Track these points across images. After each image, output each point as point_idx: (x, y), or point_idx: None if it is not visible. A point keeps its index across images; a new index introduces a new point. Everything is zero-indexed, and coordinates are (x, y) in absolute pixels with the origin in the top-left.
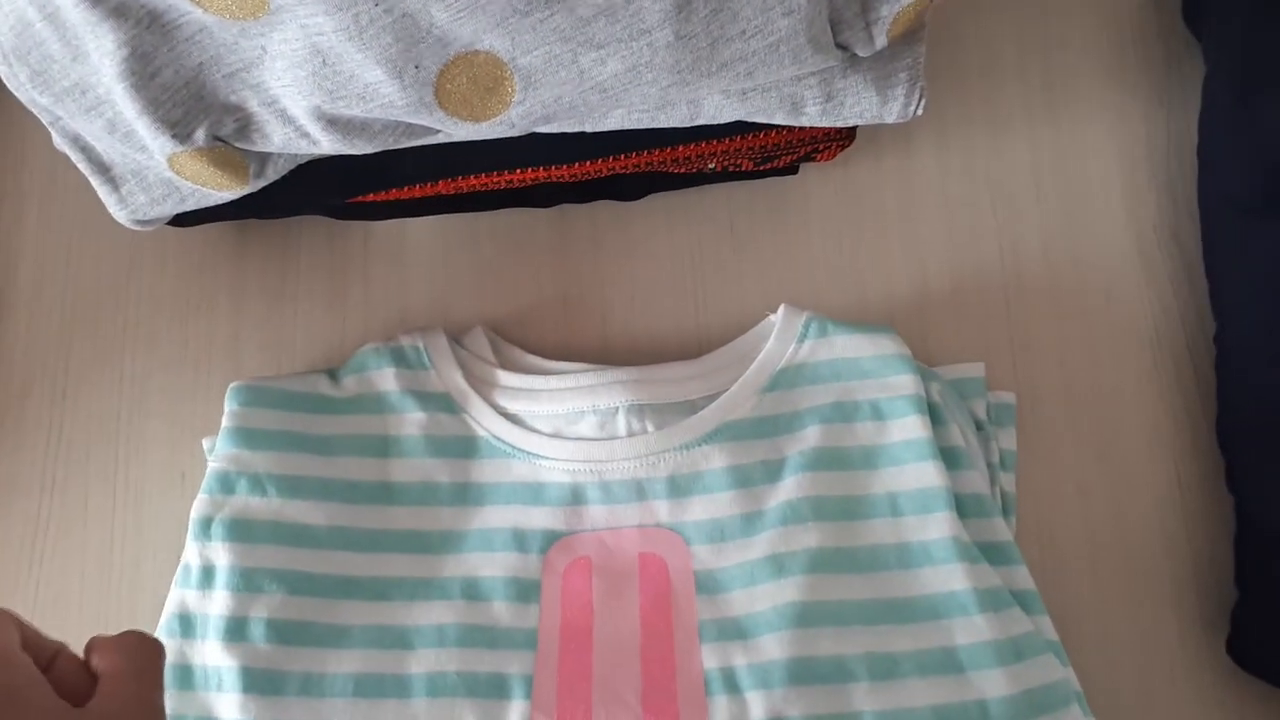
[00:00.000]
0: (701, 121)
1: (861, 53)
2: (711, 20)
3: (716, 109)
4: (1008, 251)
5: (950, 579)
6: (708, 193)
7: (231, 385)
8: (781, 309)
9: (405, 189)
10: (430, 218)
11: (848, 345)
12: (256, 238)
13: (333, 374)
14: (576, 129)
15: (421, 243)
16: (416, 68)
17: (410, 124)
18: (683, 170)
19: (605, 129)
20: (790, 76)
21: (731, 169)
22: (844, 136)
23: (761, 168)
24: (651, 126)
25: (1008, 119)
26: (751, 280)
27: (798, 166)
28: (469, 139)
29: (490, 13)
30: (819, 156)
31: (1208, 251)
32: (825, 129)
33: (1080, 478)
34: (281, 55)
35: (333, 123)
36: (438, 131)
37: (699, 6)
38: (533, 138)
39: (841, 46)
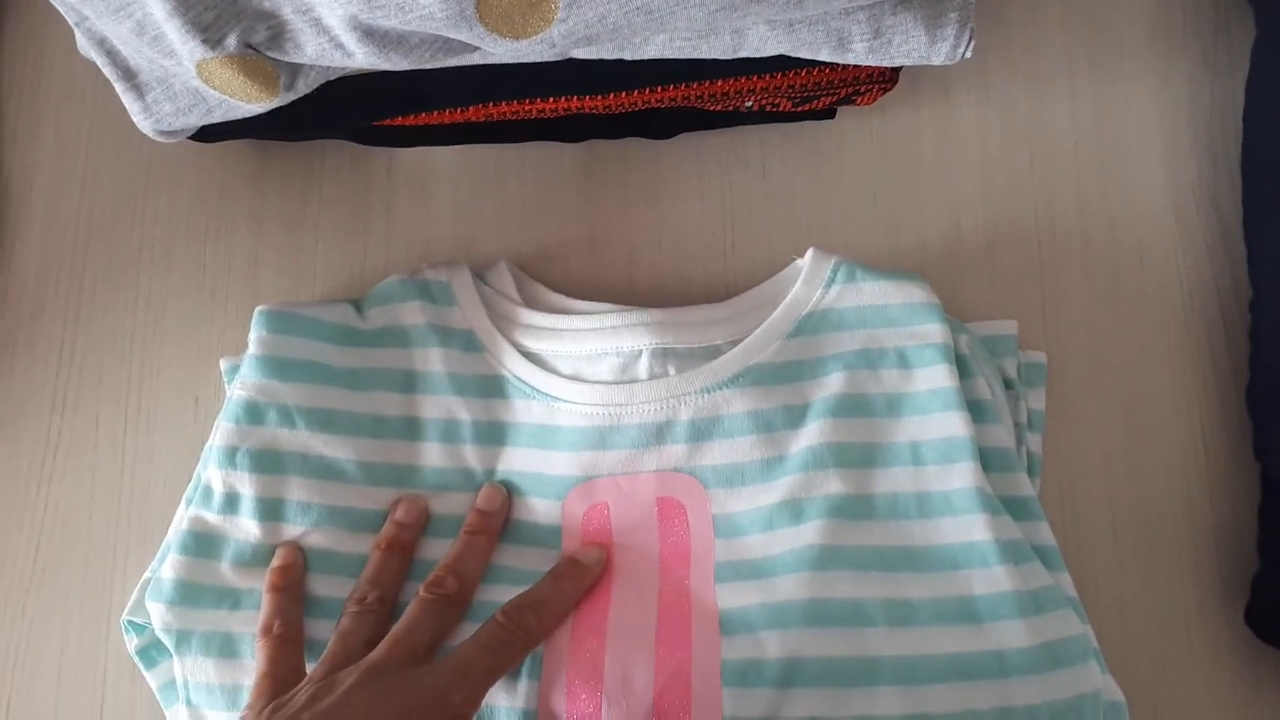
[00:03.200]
0: (745, 54)
1: None
2: None
3: (761, 41)
4: (1043, 209)
5: (970, 529)
6: (740, 134)
7: (258, 310)
8: (810, 253)
9: (435, 113)
10: (456, 148)
11: (876, 292)
12: (277, 162)
13: (357, 304)
14: (616, 55)
15: (446, 173)
16: None
17: (448, 40)
18: (719, 108)
19: (645, 57)
20: (839, 9)
21: (769, 108)
22: (886, 79)
23: (800, 109)
24: (693, 56)
25: (1050, 74)
26: (782, 225)
27: (835, 110)
28: (508, 59)
29: None
30: (859, 100)
31: (1248, 218)
32: (868, 70)
33: (1105, 441)
34: None
35: (369, 34)
36: (475, 50)
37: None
38: (568, 65)
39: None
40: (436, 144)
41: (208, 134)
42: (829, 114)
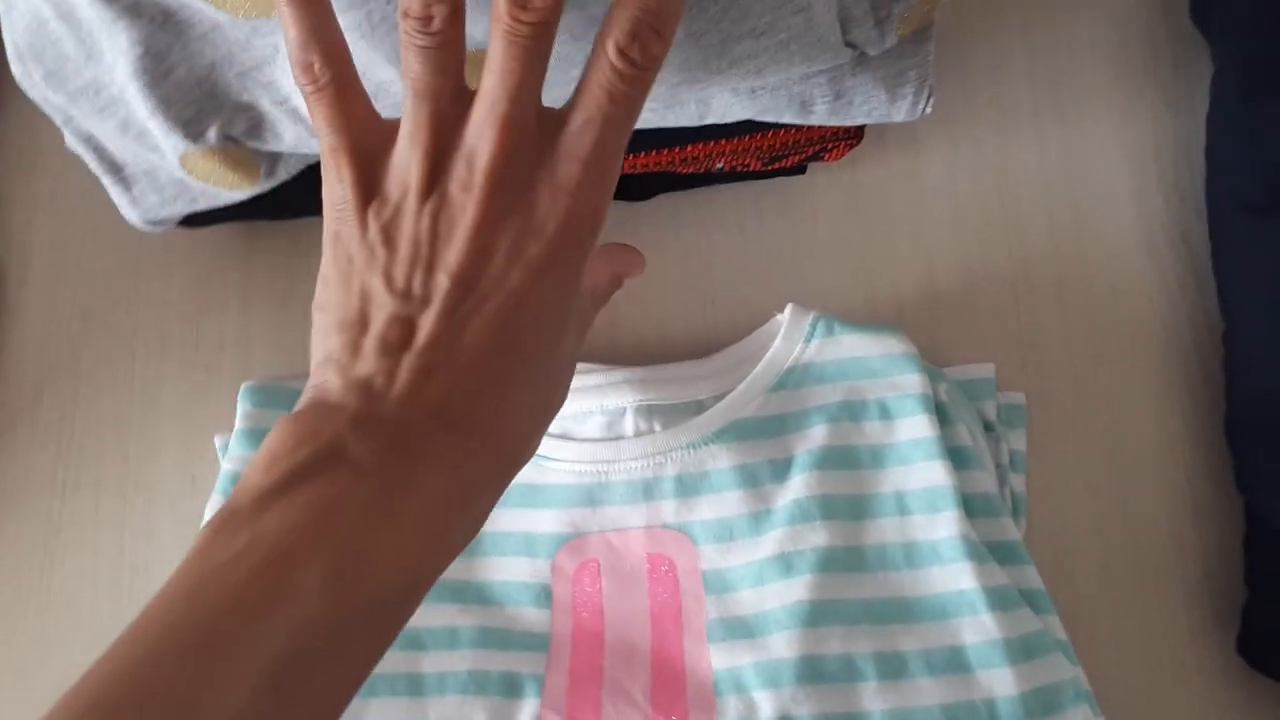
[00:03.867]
0: (710, 120)
1: (871, 51)
2: (722, 17)
3: (725, 107)
4: (1016, 251)
5: (958, 578)
6: (716, 193)
7: (244, 385)
8: (789, 308)
9: None
10: None
11: (855, 344)
12: (265, 239)
13: None
14: None
15: None
16: None
17: None
18: (691, 170)
19: None
20: (799, 75)
21: (740, 169)
22: (851, 136)
23: (769, 167)
24: (660, 126)
25: (1015, 119)
26: (760, 280)
27: (805, 167)
28: None
29: None
30: (826, 156)
31: (1215, 251)
32: (833, 129)
33: (1089, 477)
34: None
35: None
36: None
37: (709, 3)
38: None
39: (850, 45)
40: None
41: (195, 220)
42: (800, 170)
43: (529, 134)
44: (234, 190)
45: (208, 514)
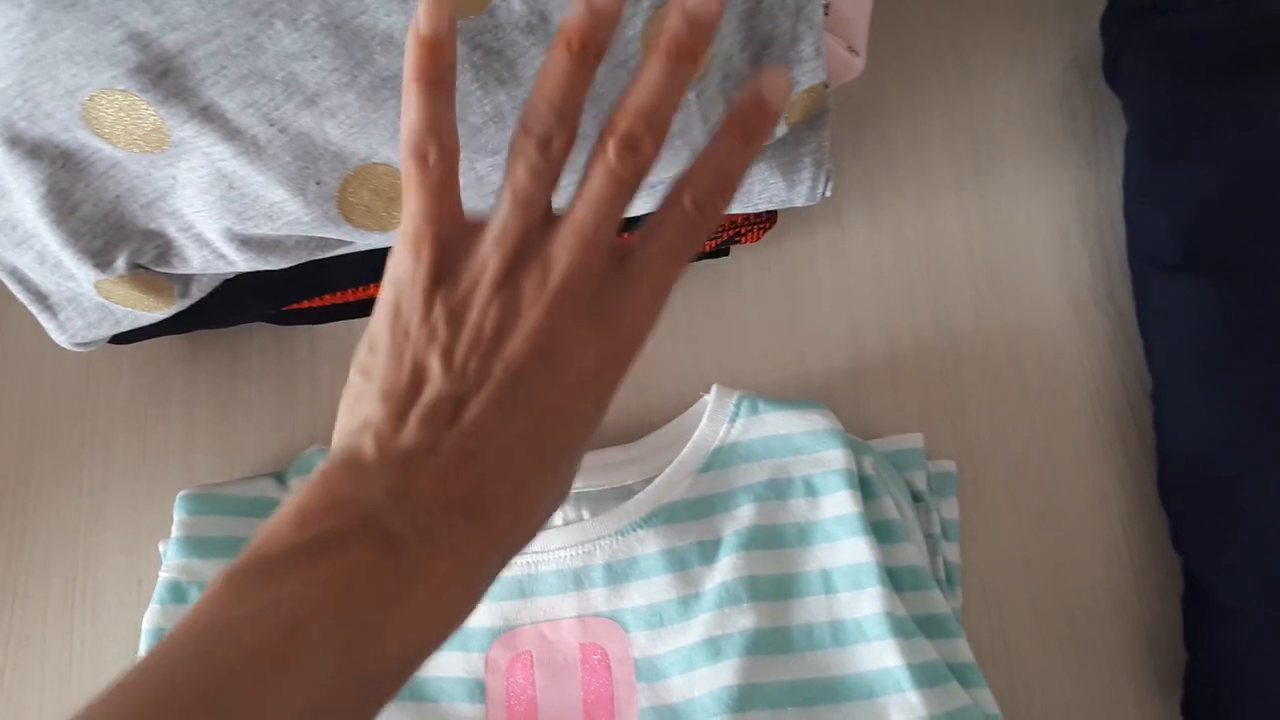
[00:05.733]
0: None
1: None
2: (597, 121)
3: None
4: (942, 320)
5: (883, 656)
6: None
7: (180, 494)
8: (714, 389)
9: (338, 294)
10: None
11: (779, 422)
12: (207, 346)
13: (280, 477)
14: None
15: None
16: (318, 183)
17: (322, 238)
18: None
19: None
20: None
21: None
22: (765, 220)
23: None
24: None
25: (937, 188)
26: (691, 361)
27: (728, 249)
28: (383, 245)
29: (381, 127)
30: (744, 239)
31: (1139, 310)
32: (744, 214)
33: (1025, 543)
34: (190, 183)
35: (245, 242)
36: (352, 242)
37: (586, 109)
38: None
39: None
40: (352, 318)
41: (127, 338)
42: (724, 252)
43: (603, 259)
44: (152, 311)
45: (146, 625)
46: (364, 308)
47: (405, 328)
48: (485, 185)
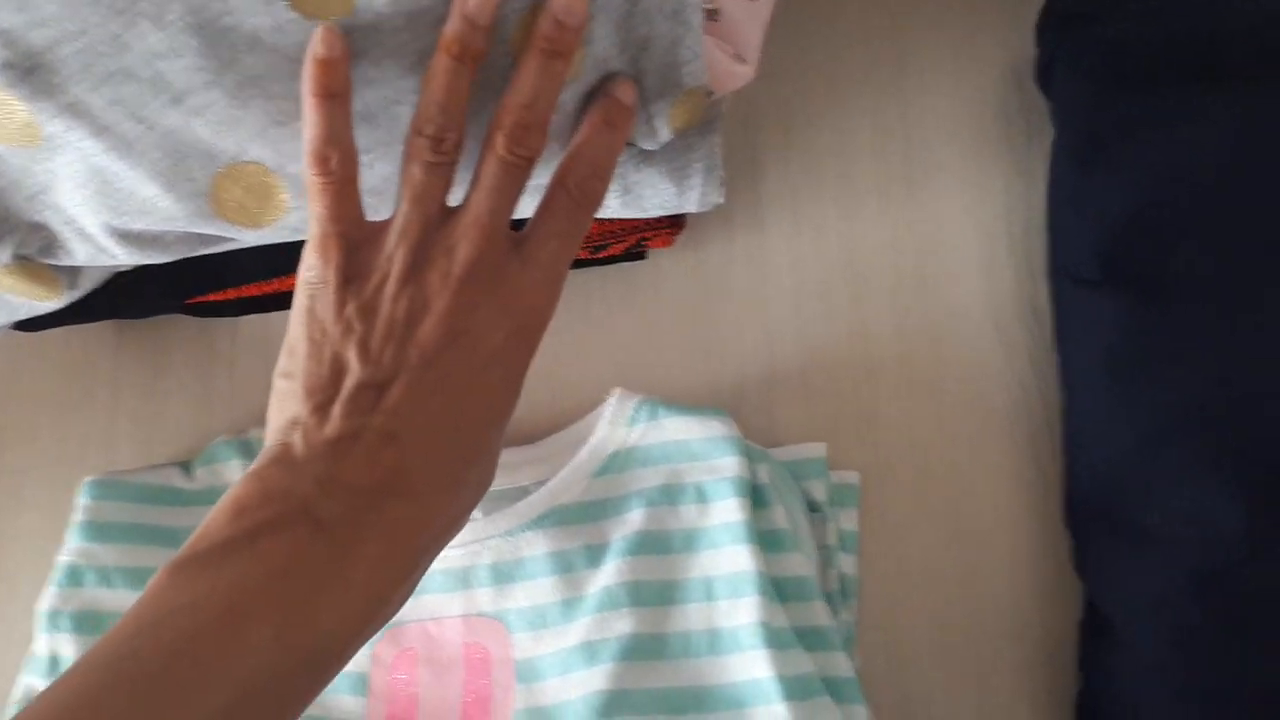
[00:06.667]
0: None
1: (647, 146)
2: (473, 121)
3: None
4: (860, 329)
5: (755, 666)
6: None
7: (85, 480)
8: (615, 393)
9: (246, 287)
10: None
11: (678, 428)
12: (133, 336)
13: (186, 467)
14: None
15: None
16: (189, 180)
17: (202, 234)
18: None
19: None
20: None
21: None
22: (671, 224)
23: (597, 255)
24: None
25: (863, 197)
26: (605, 364)
27: (645, 252)
28: (260, 243)
29: (249, 125)
30: (651, 243)
31: (1056, 324)
32: (651, 217)
33: (929, 558)
34: (68, 177)
35: (125, 237)
36: (233, 239)
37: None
38: None
39: (627, 142)
40: (269, 310)
41: (34, 325)
42: (640, 256)
43: (501, 244)
44: (43, 301)
45: (41, 607)
46: (281, 300)
47: (321, 326)
48: (360, 182)
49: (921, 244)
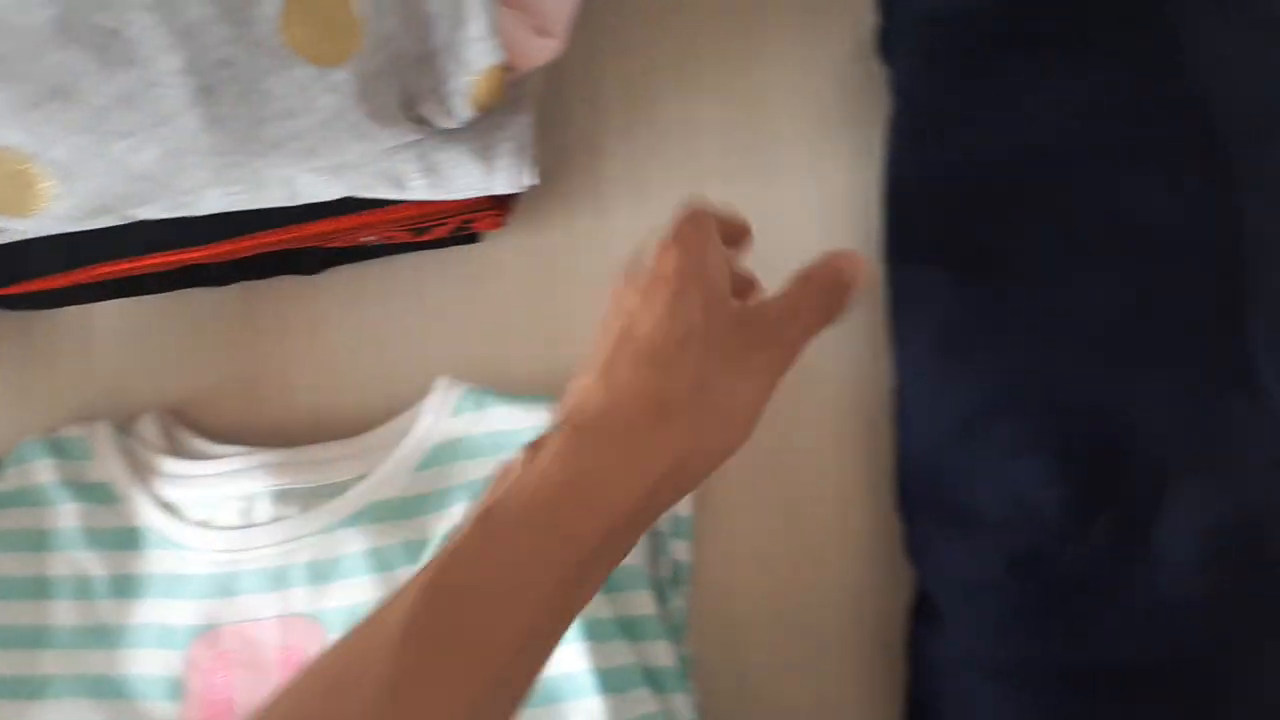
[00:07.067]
0: (304, 200)
1: (445, 124)
2: (242, 102)
3: (313, 187)
4: None
5: (572, 659)
6: (396, 263)
7: None
8: (439, 382)
9: (47, 279)
10: (115, 302)
11: (504, 417)
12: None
13: None
14: (175, 214)
15: (108, 328)
16: None
17: None
18: (338, 245)
19: (204, 212)
20: (379, 151)
21: (390, 241)
22: (496, 204)
23: (421, 239)
24: (255, 207)
25: (707, 176)
26: (440, 352)
27: (477, 235)
28: (33, 235)
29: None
30: (477, 225)
31: (890, 304)
32: (473, 200)
33: (764, 543)
34: None
35: None
36: (4, 229)
37: (224, 90)
38: (157, 221)
39: (424, 119)
40: (83, 302)
41: None
42: (471, 239)
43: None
44: None
45: None
46: (96, 291)
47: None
48: (122, 167)
49: (763, 225)
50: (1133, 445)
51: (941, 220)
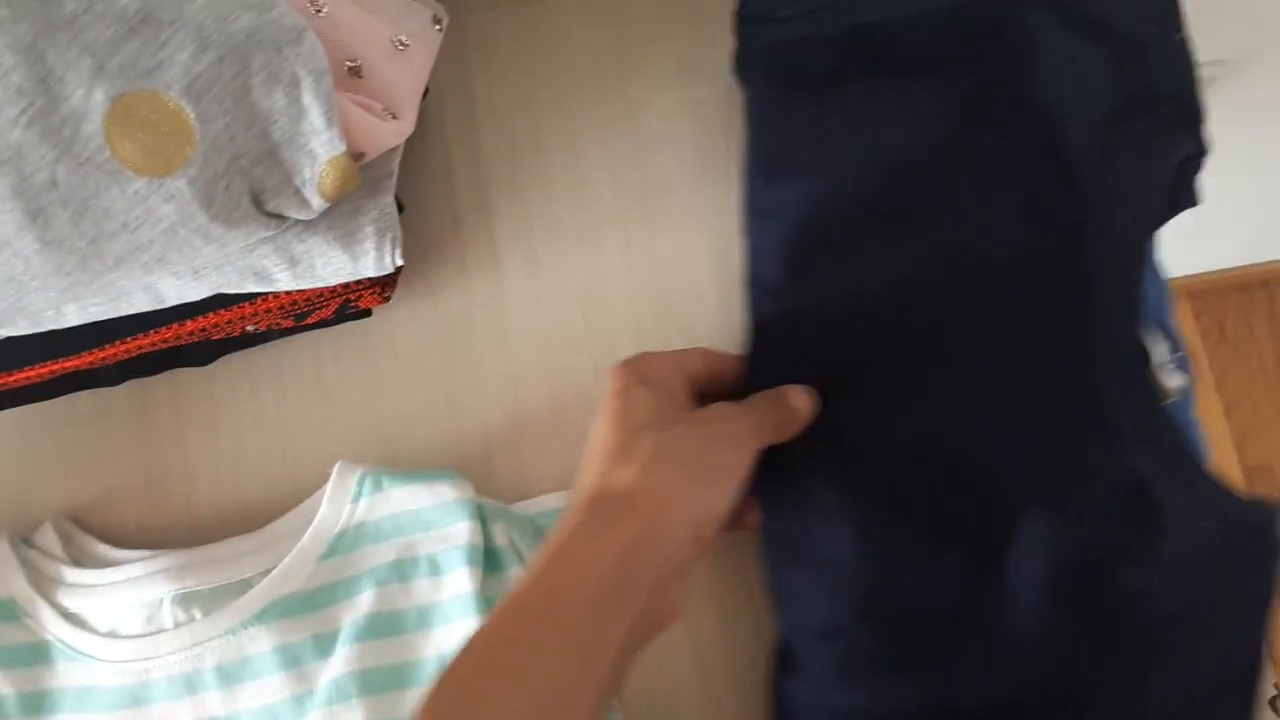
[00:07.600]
0: (171, 303)
1: (301, 216)
2: (78, 222)
3: (178, 290)
4: (605, 363)
5: None
6: (290, 345)
7: None
8: (336, 467)
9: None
10: (6, 411)
11: (406, 497)
12: None
13: None
14: (35, 330)
15: (1, 434)
16: None
17: None
18: (221, 336)
19: (66, 325)
20: (236, 250)
21: (274, 328)
22: (376, 283)
23: (304, 323)
24: (117, 315)
25: (599, 226)
26: (343, 430)
27: (368, 310)
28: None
29: None
30: (360, 303)
31: (751, 338)
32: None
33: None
34: None
35: None
36: None
37: (56, 212)
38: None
39: (279, 214)
40: (26, 402)
41: None
42: (365, 314)
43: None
44: None
45: None
46: (47, 389)
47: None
48: None
49: (660, 268)
50: (988, 483)
51: (790, 250)
